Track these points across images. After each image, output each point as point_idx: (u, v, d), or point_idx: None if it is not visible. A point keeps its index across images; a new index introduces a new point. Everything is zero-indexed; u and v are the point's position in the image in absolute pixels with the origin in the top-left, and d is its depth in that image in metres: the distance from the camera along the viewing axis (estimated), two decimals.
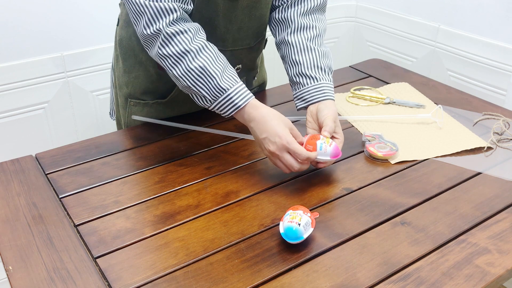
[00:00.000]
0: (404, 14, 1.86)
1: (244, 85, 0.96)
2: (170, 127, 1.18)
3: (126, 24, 1.13)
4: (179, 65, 0.94)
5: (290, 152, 0.93)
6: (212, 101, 0.96)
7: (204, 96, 0.96)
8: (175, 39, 0.93)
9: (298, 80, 1.08)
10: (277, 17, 1.13)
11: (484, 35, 1.61)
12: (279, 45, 1.14)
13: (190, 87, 0.96)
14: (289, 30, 1.10)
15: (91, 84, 1.64)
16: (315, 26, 1.10)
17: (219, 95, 0.95)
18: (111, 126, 1.65)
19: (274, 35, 1.16)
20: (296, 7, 1.10)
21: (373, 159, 1.06)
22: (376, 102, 1.30)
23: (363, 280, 0.76)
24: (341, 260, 0.80)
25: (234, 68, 1.16)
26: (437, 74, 1.77)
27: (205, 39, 0.98)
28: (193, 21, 1.02)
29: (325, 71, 1.07)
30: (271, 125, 0.93)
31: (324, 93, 1.05)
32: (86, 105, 1.66)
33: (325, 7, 1.15)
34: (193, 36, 0.95)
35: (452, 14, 1.69)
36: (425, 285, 0.75)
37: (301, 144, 0.96)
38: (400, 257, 0.80)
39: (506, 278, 0.79)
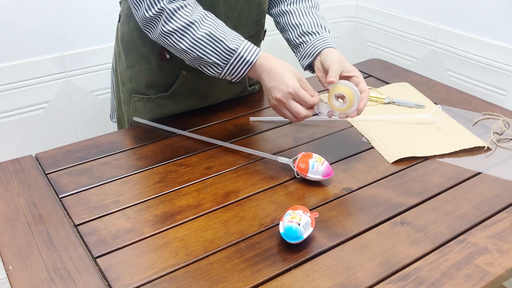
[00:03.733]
0: (404, 14, 1.86)
1: (249, 42, 0.99)
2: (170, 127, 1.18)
3: (127, 19, 1.14)
4: (186, 37, 0.97)
5: (296, 99, 0.95)
6: (223, 65, 0.99)
7: (215, 63, 0.98)
8: (177, 14, 0.97)
9: (301, 40, 1.10)
10: None
11: (484, 35, 1.61)
12: (277, 17, 1.17)
13: (200, 56, 0.98)
14: (286, 3, 1.15)
15: (91, 84, 1.64)
16: None
17: (230, 57, 0.98)
18: (111, 126, 1.65)
19: (272, 12, 1.18)
20: None
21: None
22: (376, 102, 1.30)
23: (363, 280, 0.76)
24: (341, 260, 0.80)
25: None
26: (437, 74, 1.77)
27: (203, 9, 1.01)
28: None
29: (325, 29, 1.10)
30: (280, 73, 0.96)
31: (326, 42, 1.06)
32: (86, 105, 1.66)
33: None
34: (193, 8, 0.99)
35: (452, 14, 1.69)
36: (425, 285, 0.75)
37: (312, 95, 0.97)
38: (400, 257, 0.81)
39: (506, 278, 0.79)
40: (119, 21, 1.19)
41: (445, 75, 1.75)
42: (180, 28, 0.97)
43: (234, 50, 0.97)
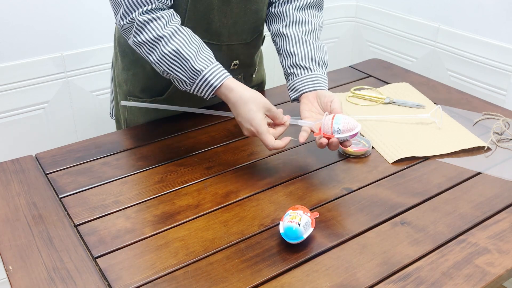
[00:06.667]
0: (404, 14, 1.87)
1: (219, 65, 0.98)
2: (170, 127, 1.18)
3: None
4: (154, 51, 0.97)
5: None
6: (190, 84, 0.98)
7: (183, 80, 0.98)
8: (148, 26, 0.96)
9: (292, 71, 1.08)
10: (273, 11, 1.14)
11: (484, 35, 1.61)
12: (273, 37, 1.15)
13: (167, 71, 0.98)
14: (285, 23, 1.11)
15: (91, 84, 1.64)
16: (311, 21, 1.11)
17: (195, 77, 0.97)
18: (111, 126, 1.65)
19: (269, 28, 1.17)
20: (292, 3, 1.12)
21: (346, 155, 1.07)
22: (376, 102, 1.30)
23: (363, 280, 0.76)
24: (341, 260, 0.80)
25: (231, 64, 1.17)
26: (437, 74, 1.77)
27: (179, 23, 1.00)
28: (189, 16, 1.04)
29: (319, 64, 1.07)
30: (244, 110, 0.94)
31: (317, 83, 1.05)
32: (86, 105, 1.66)
33: (322, 4, 1.16)
34: (166, 22, 0.97)
35: (452, 14, 1.69)
36: (425, 285, 0.75)
37: (282, 121, 0.96)
38: (400, 257, 0.81)
39: (506, 278, 0.79)
40: (116, 23, 1.19)
41: (445, 75, 1.75)
42: (149, 41, 0.96)
43: (199, 72, 0.96)
